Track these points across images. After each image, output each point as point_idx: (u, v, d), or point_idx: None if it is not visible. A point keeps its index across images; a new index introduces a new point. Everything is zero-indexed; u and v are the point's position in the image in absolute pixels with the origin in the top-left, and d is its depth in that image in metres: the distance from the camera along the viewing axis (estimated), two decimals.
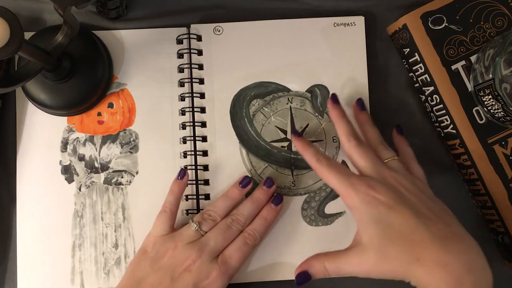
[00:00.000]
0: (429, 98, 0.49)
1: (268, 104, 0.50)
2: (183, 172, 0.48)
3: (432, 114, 0.50)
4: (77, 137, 0.50)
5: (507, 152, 0.47)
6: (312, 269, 0.41)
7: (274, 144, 0.50)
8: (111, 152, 0.50)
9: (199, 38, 0.51)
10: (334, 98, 0.47)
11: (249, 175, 0.49)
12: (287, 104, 0.50)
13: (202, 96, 0.50)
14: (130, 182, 0.50)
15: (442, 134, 0.50)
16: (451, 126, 0.48)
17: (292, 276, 0.48)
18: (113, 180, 0.50)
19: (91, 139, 0.50)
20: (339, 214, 0.49)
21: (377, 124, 0.50)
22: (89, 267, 0.49)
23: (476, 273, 0.37)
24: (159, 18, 0.51)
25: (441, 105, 0.48)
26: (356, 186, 0.40)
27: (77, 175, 0.50)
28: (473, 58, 0.48)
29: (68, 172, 0.50)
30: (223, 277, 0.43)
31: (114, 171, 0.50)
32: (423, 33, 0.48)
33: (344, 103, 0.50)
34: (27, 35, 0.43)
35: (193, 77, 0.50)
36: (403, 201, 0.39)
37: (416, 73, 0.49)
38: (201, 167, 0.50)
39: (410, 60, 0.49)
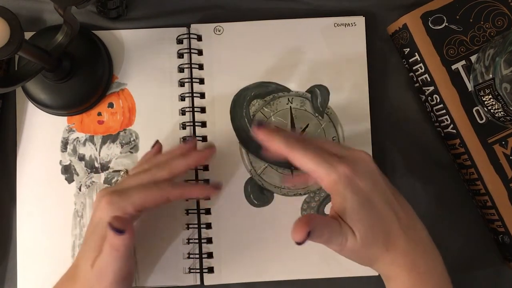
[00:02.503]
0: (429, 98, 0.49)
1: (268, 104, 0.50)
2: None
3: (432, 114, 0.50)
4: (77, 137, 0.50)
5: (507, 152, 0.47)
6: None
7: None
8: (111, 152, 0.50)
9: (199, 38, 0.51)
10: (259, 124, 0.41)
11: (249, 175, 0.49)
12: (287, 104, 0.50)
13: (202, 96, 0.50)
14: None
15: (442, 134, 0.50)
16: (451, 126, 0.48)
17: (292, 276, 0.49)
18: (113, 180, 0.50)
19: (91, 139, 0.50)
20: None
21: (376, 124, 0.50)
22: None
23: (427, 254, 0.39)
24: (159, 18, 0.51)
25: (441, 105, 0.48)
26: (338, 169, 0.37)
27: (77, 175, 0.50)
28: (473, 58, 0.48)
29: (68, 172, 0.50)
30: (110, 204, 0.39)
31: (114, 171, 0.50)
32: (423, 33, 0.48)
33: (344, 103, 0.50)
34: (27, 35, 0.43)
35: (193, 77, 0.50)
36: (377, 188, 0.39)
37: (416, 73, 0.49)
38: (201, 167, 0.49)
39: (410, 60, 0.49)
